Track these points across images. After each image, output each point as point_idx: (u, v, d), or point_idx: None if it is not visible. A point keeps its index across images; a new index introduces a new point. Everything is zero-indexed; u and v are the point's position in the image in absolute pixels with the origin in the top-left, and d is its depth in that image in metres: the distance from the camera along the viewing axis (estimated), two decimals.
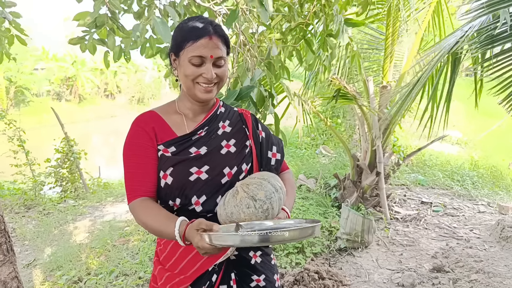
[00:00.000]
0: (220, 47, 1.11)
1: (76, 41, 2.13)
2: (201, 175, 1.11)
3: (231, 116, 1.26)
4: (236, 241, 0.92)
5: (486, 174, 6.46)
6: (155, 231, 1.07)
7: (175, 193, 1.11)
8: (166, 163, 1.11)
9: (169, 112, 1.20)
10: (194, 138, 1.16)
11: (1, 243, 1.42)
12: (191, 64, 1.09)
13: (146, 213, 1.08)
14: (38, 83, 27.22)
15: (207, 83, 1.11)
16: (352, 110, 6.96)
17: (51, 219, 4.83)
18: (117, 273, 3.26)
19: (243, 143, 1.21)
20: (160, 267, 1.17)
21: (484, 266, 3.13)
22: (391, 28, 4.34)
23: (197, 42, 1.08)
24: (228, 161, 1.15)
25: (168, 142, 1.13)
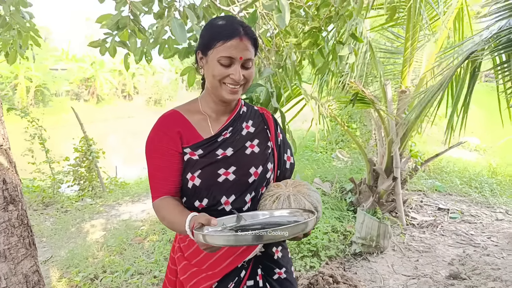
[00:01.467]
0: (249, 49, 1.11)
1: (97, 44, 2.17)
2: (229, 176, 1.13)
3: (253, 116, 1.28)
4: (228, 241, 0.93)
5: (505, 181, 6.29)
6: (171, 226, 1.10)
7: (203, 194, 1.13)
8: (195, 166, 1.13)
9: (192, 112, 1.20)
10: (220, 140, 1.16)
11: (24, 237, 1.47)
12: (220, 64, 1.09)
13: (164, 209, 1.12)
14: (58, 83, 27.90)
15: (234, 84, 1.11)
16: (368, 115, 6.89)
17: (69, 217, 4.95)
18: (133, 271, 3.31)
19: (265, 143, 1.24)
20: (185, 262, 1.19)
21: (502, 274, 3.05)
22: (411, 32, 4.28)
23: (228, 43, 1.07)
24: (253, 161, 1.18)
25: (194, 145, 1.14)
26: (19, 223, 1.45)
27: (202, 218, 0.97)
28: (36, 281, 1.49)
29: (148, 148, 1.16)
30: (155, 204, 1.15)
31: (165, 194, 1.15)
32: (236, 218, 1.06)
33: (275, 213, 1.12)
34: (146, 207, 5.44)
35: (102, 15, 2.06)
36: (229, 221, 1.06)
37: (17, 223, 1.44)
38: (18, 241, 1.44)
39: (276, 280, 1.22)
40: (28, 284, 1.47)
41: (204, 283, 1.15)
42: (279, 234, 0.91)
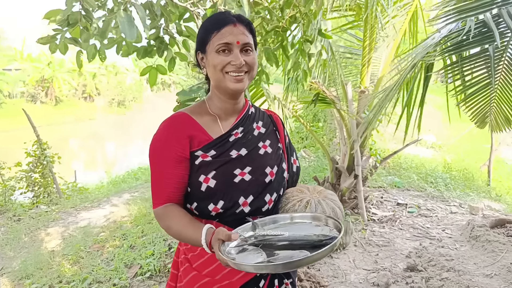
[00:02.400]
0: (246, 34, 1.09)
1: (46, 40, 2.05)
2: (245, 176, 1.11)
3: (262, 117, 1.26)
4: (258, 270, 0.92)
5: (458, 176, 6.68)
6: (179, 237, 1.07)
7: (218, 196, 1.09)
8: (208, 167, 1.09)
9: (201, 113, 1.15)
10: (232, 140, 1.14)
11: None
12: (218, 54, 1.06)
13: (170, 218, 1.08)
14: (12, 84, 26.28)
15: (236, 71, 1.07)
16: (332, 114, 7.07)
17: (22, 226, 4.66)
18: (91, 280, 3.17)
19: (276, 144, 1.24)
20: (194, 273, 1.12)
21: (455, 264, 3.23)
22: (369, 35, 4.44)
23: (222, 30, 1.06)
24: (267, 161, 1.17)
25: (206, 146, 1.10)
26: None
27: (221, 234, 0.93)
28: None
29: (153, 151, 1.12)
30: (157, 212, 1.11)
31: (168, 201, 1.10)
32: (251, 226, 1.03)
33: (295, 216, 1.10)
34: (106, 212, 5.24)
35: (51, 10, 1.94)
36: (245, 230, 1.02)
37: None
38: None
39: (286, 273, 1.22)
40: None
41: None
42: (308, 260, 0.89)
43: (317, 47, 2.40)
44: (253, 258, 0.93)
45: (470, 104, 3.08)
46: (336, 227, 1.03)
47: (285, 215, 1.12)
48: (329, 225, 1.06)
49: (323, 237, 0.97)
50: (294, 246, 0.96)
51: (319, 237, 0.97)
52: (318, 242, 0.95)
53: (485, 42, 2.55)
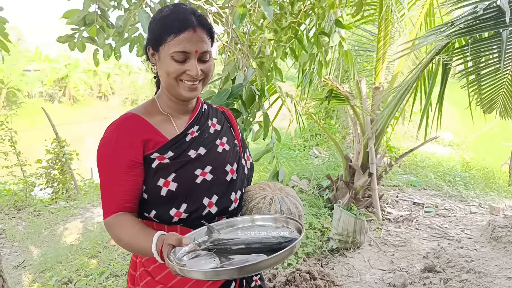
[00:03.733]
0: (205, 40, 1.00)
1: (65, 39, 2.10)
2: (206, 176, 1.06)
3: (216, 114, 1.22)
4: (206, 276, 0.84)
5: (478, 175, 6.52)
6: (130, 248, 0.99)
7: (181, 198, 1.03)
8: (167, 170, 1.02)
9: (152, 114, 1.08)
10: (189, 140, 1.08)
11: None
12: (174, 61, 0.98)
13: (120, 228, 0.99)
14: (30, 84, 26.97)
15: (191, 80, 1.01)
16: (345, 111, 6.98)
17: (42, 220, 4.79)
18: (108, 274, 3.23)
19: (233, 141, 1.20)
20: (160, 286, 1.05)
21: (475, 266, 3.15)
22: (383, 30, 4.36)
23: (180, 36, 0.97)
24: (227, 158, 1.13)
25: (162, 147, 1.03)
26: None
27: (171, 239, 0.86)
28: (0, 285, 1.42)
29: (101, 157, 1.03)
30: (108, 222, 1.01)
31: (120, 210, 1.01)
32: (207, 230, 0.97)
33: (256, 218, 1.05)
34: None
35: (69, 10, 1.99)
36: (200, 235, 0.96)
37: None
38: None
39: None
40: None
41: None
42: (265, 264, 0.82)
43: (334, 40, 2.37)
44: (205, 264, 0.86)
45: (476, 88, 3.00)
46: (297, 229, 0.98)
47: (245, 218, 1.06)
48: (290, 226, 1.00)
49: (282, 240, 0.91)
50: (250, 250, 0.90)
51: (278, 240, 0.91)
52: (276, 245, 0.89)
53: (498, 26, 2.48)
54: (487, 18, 2.49)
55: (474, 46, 2.85)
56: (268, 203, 1.15)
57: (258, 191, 1.19)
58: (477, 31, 2.62)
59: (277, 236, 0.93)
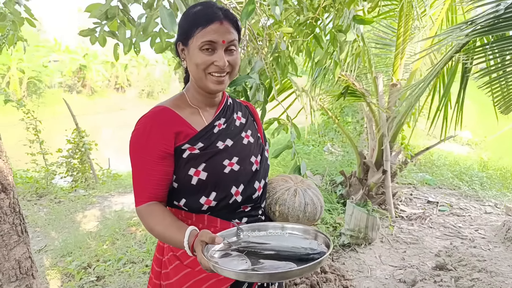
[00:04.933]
0: (231, 31, 1.05)
1: (87, 33, 2.17)
2: (234, 167, 1.12)
3: (240, 108, 1.27)
4: (239, 277, 0.87)
5: (495, 175, 6.41)
6: (163, 238, 1.04)
7: (210, 187, 1.09)
8: (198, 160, 1.08)
9: (182, 107, 1.13)
10: (217, 131, 1.13)
11: (16, 224, 1.50)
12: (202, 52, 1.03)
13: (153, 218, 1.05)
14: (50, 74, 27.63)
15: (219, 72, 1.05)
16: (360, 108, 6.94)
17: (62, 208, 4.97)
18: (125, 260, 3.35)
19: (256, 134, 1.26)
20: (188, 270, 1.11)
21: (487, 265, 3.14)
22: (403, 25, 4.32)
23: (207, 27, 1.02)
24: (252, 150, 1.19)
25: (193, 138, 1.09)
26: (11, 211, 1.48)
27: (205, 236, 0.91)
28: (28, 267, 1.53)
29: (134, 147, 1.08)
30: (140, 210, 1.08)
31: (152, 199, 1.08)
32: (236, 231, 1.02)
33: (286, 227, 1.08)
34: None
35: (92, 4, 2.05)
36: (229, 235, 1.01)
37: (9, 211, 1.46)
38: (10, 228, 1.47)
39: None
40: (21, 269, 1.50)
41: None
42: (294, 273, 0.85)
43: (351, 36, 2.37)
44: (237, 265, 0.90)
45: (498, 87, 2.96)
46: (325, 242, 1.00)
47: (276, 224, 1.09)
48: (318, 239, 1.03)
49: (310, 251, 0.93)
50: (280, 257, 0.93)
51: (307, 251, 0.94)
52: (305, 255, 0.92)
53: None
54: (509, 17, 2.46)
55: (495, 45, 2.82)
56: (293, 195, 1.22)
57: (282, 183, 1.26)
58: (498, 30, 2.58)
59: (306, 247, 0.96)
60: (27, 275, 1.54)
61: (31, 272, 1.56)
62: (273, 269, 0.87)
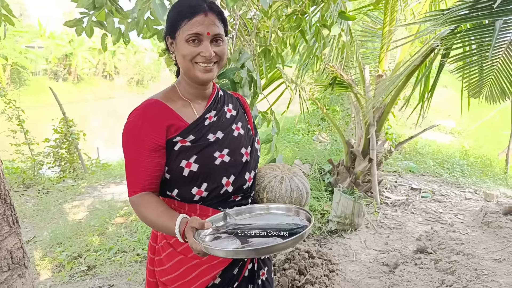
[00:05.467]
0: (217, 24, 1.08)
1: (73, 23, 2.14)
2: (224, 158, 1.15)
3: (231, 100, 1.30)
4: (228, 255, 0.93)
5: (476, 163, 6.63)
6: (155, 226, 1.09)
7: (202, 178, 1.12)
8: (189, 152, 1.11)
9: (173, 99, 1.16)
10: (207, 124, 1.16)
11: (7, 215, 1.53)
12: (188, 43, 1.06)
13: (145, 207, 1.09)
14: (35, 61, 26.91)
15: (206, 62, 1.08)
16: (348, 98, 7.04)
17: (50, 198, 4.96)
18: (116, 250, 3.40)
19: (246, 126, 1.29)
20: (181, 257, 1.15)
21: (465, 248, 3.30)
22: (389, 17, 4.38)
23: (192, 20, 1.05)
24: (242, 142, 1.22)
25: (184, 131, 1.11)
26: (2, 202, 1.51)
27: (195, 222, 0.95)
28: (20, 257, 1.57)
29: (127, 140, 1.11)
30: (133, 200, 1.12)
31: (144, 189, 1.12)
32: (223, 215, 1.07)
33: (271, 207, 1.15)
34: None
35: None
36: (217, 219, 1.06)
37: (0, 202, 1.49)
38: (1, 219, 1.50)
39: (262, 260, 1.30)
40: (13, 259, 1.54)
41: (209, 274, 1.14)
42: (280, 247, 0.92)
43: (336, 30, 2.42)
44: (227, 245, 0.96)
45: (467, 73, 3.10)
46: (307, 218, 1.08)
47: (261, 206, 1.16)
48: (300, 215, 1.10)
49: (294, 226, 1.01)
50: (267, 234, 0.99)
51: (291, 226, 1.01)
52: (289, 230, 0.99)
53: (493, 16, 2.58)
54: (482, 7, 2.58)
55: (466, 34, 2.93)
56: (279, 182, 1.28)
57: (269, 171, 1.32)
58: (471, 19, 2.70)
59: (289, 222, 1.04)
60: (19, 265, 1.58)
61: (23, 262, 1.60)
62: (260, 245, 0.93)
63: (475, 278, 2.80)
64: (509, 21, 2.75)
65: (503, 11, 2.63)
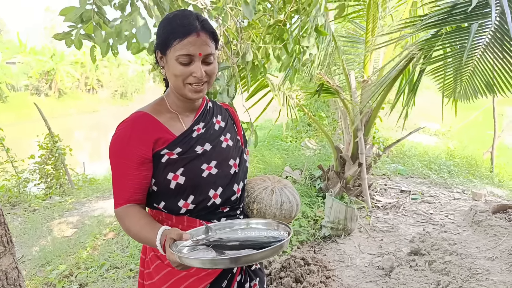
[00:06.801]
0: (208, 44, 1.07)
1: (62, 36, 2.14)
2: (212, 170, 1.14)
3: (220, 111, 1.29)
4: (204, 264, 0.91)
5: (462, 163, 6.77)
6: (138, 238, 1.08)
7: (188, 191, 1.11)
8: (176, 165, 1.10)
9: (161, 112, 1.15)
10: (195, 136, 1.16)
11: (1, 235, 1.49)
12: (179, 64, 1.05)
13: (130, 219, 1.09)
14: (16, 77, 26.41)
15: (197, 82, 1.08)
16: (334, 104, 7.13)
17: (38, 216, 4.82)
18: (108, 266, 3.32)
19: (235, 137, 1.28)
20: (169, 269, 1.14)
21: (458, 248, 3.35)
22: (371, 24, 4.48)
23: (184, 40, 1.03)
24: (230, 153, 1.21)
25: (171, 144, 1.11)
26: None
27: (173, 233, 0.95)
28: (15, 277, 1.52)
29: (114, 152, 1.10)
30: (118, 212, 1.11)
31: (130, 201, 1.11)
32: (205, 229, 1.05)
33: (251, 223, 1.14)
34: None
35: (66, 7, 2.02)
36: (198, 233, 1.05)
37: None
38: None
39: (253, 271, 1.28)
40: (8, 280, 1.49)
41: (197, 286, 1.13)
42: (256, 257, 0.91)
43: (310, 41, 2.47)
44: (203, 256, 0.95)
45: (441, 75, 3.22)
46: (286, 231, 1.07)
47: (241, 221, 1.15)
48: (280, 229, 1.10)
49: (272, 239, 1.00)
50: (244, 246, 0.98)
51: (269, 239, 1.00)
52: (267, 243, 0.98)
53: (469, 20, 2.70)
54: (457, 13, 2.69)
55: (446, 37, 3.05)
56: (270, 193, 1.27)
57: (260, 183, 1.31)
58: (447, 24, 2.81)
59: (268, 236, 1.03)
60: (14, 285, 1.53)
61: (18, 282, 1.55)
62: (236, 253, 0.93)
63: (470, 277, 2.84)
64: (485, 24, 2.88)
65: (477, 15, 2.75)
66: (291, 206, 1.28)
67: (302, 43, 2.40)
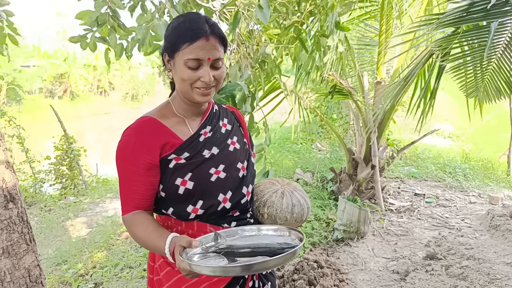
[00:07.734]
0: (217, 48, 1.05)
1: (77, 39, 2.18)
2: (220, 174, 1.13)
3: (226, 114, 1.28)
4: (215, 272, 0.90)
5: (477, 166, 6.65)
6: (147, 246, 1.06)
7: (197, 196, 1.10)
8: (184, 170, 1.09)
9: (168, 116, 1.14)
10: (202, 140, 1.14)
11: (24, 233, 1.52)
12: (188, 68, 1.03)
13: (137, 226, 1.07)
14: (30, 80, 26.97)
15: (205, 86, 1.06)
16: (346, 106, 7.09)
17: (53, 216, 4.91)
18: (122, 265, 3.36)
19: (242, 140, 1.27)
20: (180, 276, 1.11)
21: (475, 253, 3.28)
22: (385, 25, 4.45)
23: (193, 44, 1.01)
24: (238, 156, 1.20)
25: (178, 149, 1.10)
26: (19, 220, 1.50)
27: (182, 241, 0.94)
28: (37, 275, 1.55)
29: (120, 158, 1.09)
30: (126, 219, 1.10)
31: (137, 208, 1.10)
32: (214, 236, 1.04)
33: (262, 229, 1.12)
34: None
35: (81, 11, 2.07)
36: (207, 240, 1.03)
37: (17, 220, 1.48)
38: (19, 237, 1.49)
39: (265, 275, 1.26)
40: (31, 277, 1.52)
41: None
42: (269, 264, 0.89)
43: (334, 40, 2.46)
44: (214, 263, 0.94)
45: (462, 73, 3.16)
46: (298, 237, 1.05)
47: (252, 227, 1.13)
48: (292, 235, 1.08)
49: (285, 245, 0.98)
50: (255, 253, 0.96)
51: (281, 245, 0.98)
52: (280, 250, 0.96)
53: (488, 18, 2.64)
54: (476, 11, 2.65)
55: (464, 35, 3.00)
56: (280, 197, 1.25)
57: (269, 186, 1.29)
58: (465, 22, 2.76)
59: (280, 242, 1.01)
60: (36, 283, 1.56)
61: (40, 280, 1.58)
62: (249, 261, 0.91)
63: (489, 283, 2.78)
64: (505, 22, 2.83)
65: (498, 13, 2.70)
66: (302, 210, 1.26)
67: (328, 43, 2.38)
